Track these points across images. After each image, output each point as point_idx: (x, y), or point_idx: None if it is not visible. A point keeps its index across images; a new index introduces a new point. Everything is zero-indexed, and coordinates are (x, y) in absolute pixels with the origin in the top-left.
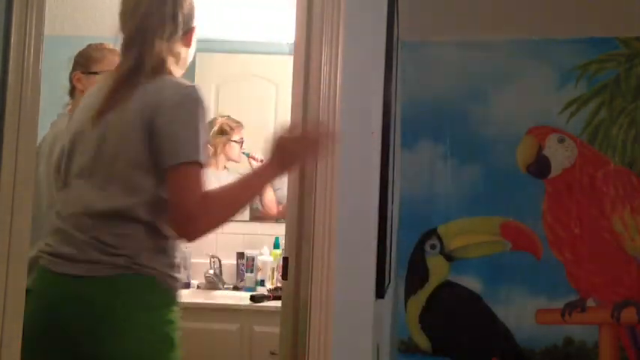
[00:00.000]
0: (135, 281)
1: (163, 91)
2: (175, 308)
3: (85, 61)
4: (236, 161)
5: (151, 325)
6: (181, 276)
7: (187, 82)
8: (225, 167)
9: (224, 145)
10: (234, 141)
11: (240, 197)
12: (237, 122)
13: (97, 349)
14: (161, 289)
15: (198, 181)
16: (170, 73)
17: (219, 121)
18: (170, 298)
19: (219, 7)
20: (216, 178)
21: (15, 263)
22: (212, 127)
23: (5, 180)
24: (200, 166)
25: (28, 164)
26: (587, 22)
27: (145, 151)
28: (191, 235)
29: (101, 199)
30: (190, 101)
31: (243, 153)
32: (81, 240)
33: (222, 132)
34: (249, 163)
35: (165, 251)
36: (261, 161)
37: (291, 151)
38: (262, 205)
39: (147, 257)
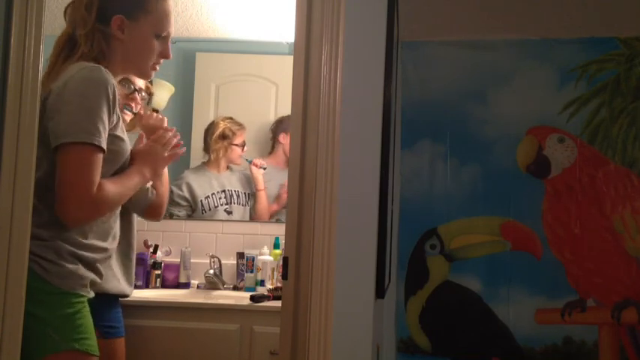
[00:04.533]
0: None
1: (69, 72)
2: (71, 299)
3: None
4: (237, 164)
5: (43, 315)
6: (75, 266)
7: (93, 64)
8: (227, 168)
9: (225, 150)
10: (236, 145)
11: (122, 198)
12: (239, 125)
13: None
14: (40, 278)
15: (90, 164)
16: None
17: (221, 125)
18: (59, 288)
19: (219, 7)
20: (218, 179)
21: (15, 263)
22: (214, 131)
23: (5, 180)
24: (94, 148)
25: (28, 164)
26: (587, 22)
27: (42, 129)
28: (74, 220)
29: None
30: (89, 82)
31: (246, 159)
32: None
33: (224, 136)
34: (250, 169)
35: (51, 238)
36: (264, 168)
37: (152, 153)
38: (255, 211)
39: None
